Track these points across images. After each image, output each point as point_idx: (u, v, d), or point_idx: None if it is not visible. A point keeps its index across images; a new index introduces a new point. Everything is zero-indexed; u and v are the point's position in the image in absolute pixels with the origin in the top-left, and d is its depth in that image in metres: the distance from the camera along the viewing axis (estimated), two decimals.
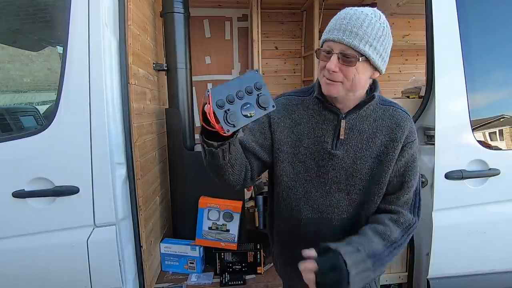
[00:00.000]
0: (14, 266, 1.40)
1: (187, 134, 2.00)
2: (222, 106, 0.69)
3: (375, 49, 0.83)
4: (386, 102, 0.96)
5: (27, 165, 1.35)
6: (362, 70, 0.85)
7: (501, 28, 1.61)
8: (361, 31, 0.81)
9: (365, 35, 0.81)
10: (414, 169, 0.94)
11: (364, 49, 0.82)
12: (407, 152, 0.92)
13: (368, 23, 0.82)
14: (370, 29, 0.82)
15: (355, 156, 0.92)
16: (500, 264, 1.66)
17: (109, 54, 1.37)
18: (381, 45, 0.84)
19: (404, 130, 0.91)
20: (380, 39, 0.83)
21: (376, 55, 0.84)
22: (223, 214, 1.84)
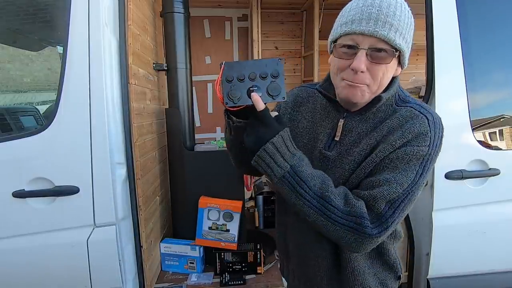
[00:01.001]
0: (14, 266, 1.41)
1: (187, 134, 2.00)
2: (230, 81, 0.70)
3: (407, 43, 0.72)
4: (407, 104, 0.79)
5: (27, 165, 1.35)
6: (391, 68, 0.74)
7: (501, 28, 1.61)
8: (395, 20, 0.68)
9: (400, 25, 0.69)
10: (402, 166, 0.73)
11: (401, 44, 0.70)
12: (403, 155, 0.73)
13: (400, 11, 0.69)
14: (403, 18, 0.69)
15: (347, 160, 0.79)
16: (500, 264, 1.66)
17: (109, 54, 1.37)
18: (410, 37, 0.73)
19: (406, 134, 0.73)
20: (410, 30, 0.72)
21: (408, 49, 0.73)
22: (223, 214, 1.84)
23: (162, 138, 2.08)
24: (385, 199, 0.71)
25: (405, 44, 0.72)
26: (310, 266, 0.88)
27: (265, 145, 0.69)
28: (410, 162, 0.73)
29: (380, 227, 0.71)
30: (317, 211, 0.71)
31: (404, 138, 0.73)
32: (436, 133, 0.74)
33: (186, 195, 1.93)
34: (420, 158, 0.73)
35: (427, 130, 0.73)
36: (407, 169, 0.73)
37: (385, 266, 0.89)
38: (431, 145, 0.73)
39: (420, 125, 0.73)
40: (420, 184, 0.74)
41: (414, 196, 0.74)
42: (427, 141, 0.73)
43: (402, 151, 0.73)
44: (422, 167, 0.73)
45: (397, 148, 0.73)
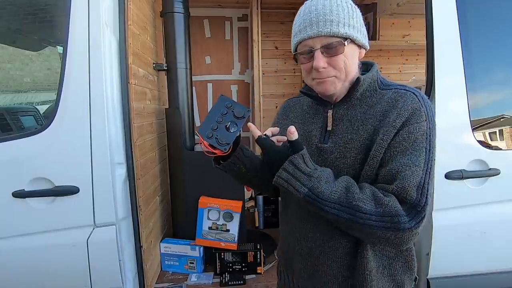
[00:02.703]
0: (14, 266, 1.41)
1: (187, 134, 2.00)
2: (211, 136, 0.80)
3: (354, 27, 0.79)
4: (390, 86, 0.83)
5: (27, 165, 1.35)
6: (350, 54, 0.80)
7: (501, 28, 1.61)
8: (334, 16, 0.77)
9: (340, 18, 0.77)
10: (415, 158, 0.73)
11: (347, 32, 0.77)
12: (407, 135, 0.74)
13: (336, 6, 0.78)
14: (341, 10, 0.78)
15: (345, 148, 0.80)
16: (500, 264, 1.66)
17: (109, 54, 1.37)
18: (357, 21, 0.80)
19: (403, 112, 0.76)
20: (353, 15, 0.79)
21: (358, 32, 0.80)
22: (223, 214, 1.84)
23: (162, 138, 2.08)
24: (414, 186, 0.71)
25: (352, 29, 0.78)
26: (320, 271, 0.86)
27: (278, 172, 0.74)
28: (417, 141, 0.74)
29: (418, 217, 0.71)
30: (349, 221, 0.72)
31: (402, 116, 0.75)
32: (427, 107, 0.78)
33: (186, 195, 1.92)
34: (424, 134, 0.75)
35: (420, 105, 0.76)
36: (417, 148, 0.74)
37: (405, 266, 0.86)
38: (428, 119, 0.76)
39: (412, 101, 0.77)
40: (432, 159, 0.75)
41: (433, 172, 0.75)
42: (424, 116, 0.76)
43: (406, 132, 0.75)
44: (428, 142, 0.75)
45: (399, 129, 0.75)
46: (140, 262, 1.53)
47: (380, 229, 0.71)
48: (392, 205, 0.71)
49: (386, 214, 0.71)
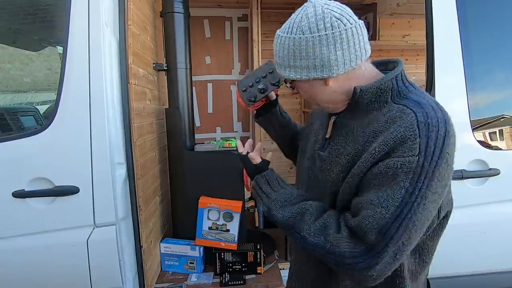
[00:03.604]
0: (14, 266, 1.41)
1: (187, 134, 2.00)
2: (244, 90, 1.01)
3: (295, 68, 0.72)
4: (405, 100, 0.69)
5: (27, 165, 1.35)
6: (307, 88, 0.76)
7: (501, 28, 1.61)
8: (277, 57, 0.75)
9: (280, 59, 0.74)
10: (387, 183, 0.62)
11: (286, 74, 0.75)
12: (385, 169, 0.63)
13: (278, 47, 0.74)
14: (282, 51, 0.73)
15: (334, 161, 0.76)
16: (500, 264, 1.66)
17: (109, 54, 1.37)
18: (301, 57, 0.71)
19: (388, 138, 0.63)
20: (296, 54, 0.71)
21: (301, 71, 0.72)
22: (223, 214, 1.84)
23: (162, 138, 2.08)
24: (373, 229, 0.62)
25: (292, 71, 0.73)
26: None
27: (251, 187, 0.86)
28: (397, 178, 0.61)
29: (372, 261, 0.62)
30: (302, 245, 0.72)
31: (386, 145, 0.63)
32: (430, 138, 0.61)
33: (186, 195, 1.92)
34: (409, 172, 0.61)
35: (414, 135, 0.61)
36: (393, 187, 0.62)
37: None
38: (423, 154, 0.60)
39: (406, 128, 0.62)
40: (418, 205, 0.61)
41: (414, 221, 0.61)
42: (415, 149, 0.61)
43: (385, 164, 0.63)
44: (414, 183, 0.60)
45: (380, 160, 0.64)
46: (140, 262, 1.53)
47: (329, 263, 0.68)
48: (337, 244, 0.65)
49: (330, 252, 0.66)
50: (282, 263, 1.97)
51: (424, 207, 0.61)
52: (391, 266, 0.63)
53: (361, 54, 0.71)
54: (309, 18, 0.70)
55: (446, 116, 0.65)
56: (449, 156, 0.62)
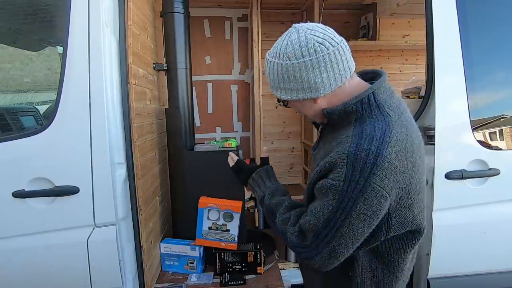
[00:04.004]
0: (14, 266, 1.41)
1: (187, 134, 2.00)
2: None
3: (286, 89, 0.81)
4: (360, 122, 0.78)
5: (27, 165, 1.35)
6: (299, 106, 0.86)
7: (501, 28, 1.61)
8: (270, 80, 0.84)
9: (272, 82, 0.84)
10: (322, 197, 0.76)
11: (278, 95, 0.84)
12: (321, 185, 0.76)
13: (269, 70, 0.83)
14: (272, 74, 0.82)
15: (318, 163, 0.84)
16: (500, 264, 1.66)
17: (109, 54, 1.37)
18: (290, 82, 0.79)
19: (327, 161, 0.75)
20: (285, 77, 0.79)
21: (291, 93, 0.81)
22: (223, 214, 1.84)
23: (162, 138, 2.08)
24: (310, 231, 0.77)
25: (283, 92, 0.83)
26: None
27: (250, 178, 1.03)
28: (327, 196, 0.74)
29: (308, 255, 0.78)
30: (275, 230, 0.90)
31: (325, 166, 0.76)
32: (355, 168, 0.70)
33: (186, 195, 1.92)
34: (336, 193, 0.72)
35: (342, 163, 0.72)
36: (325, 202, 0.75)
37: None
38: (347, 181, 0.71)
39: (339, 156, 0.73)
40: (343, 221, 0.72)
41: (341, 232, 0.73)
42: (342, 176, 0.71)
43: (321, 183, 0.77)
44: (339, 203, 0.72)
45: (321, 177, 0.78)
46: (140, 262, 1.53)
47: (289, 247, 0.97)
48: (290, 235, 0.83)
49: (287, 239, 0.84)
50: (282, 263, 1.97)
51: (349, 223, 0.73)
52: (330, 261, 0.77)
53: (345, 73, 0.79)
54: (294, 44, 0.78)
55: (383, 152, 0.71)
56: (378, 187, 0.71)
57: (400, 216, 0.78)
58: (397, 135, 0.74)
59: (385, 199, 0.72)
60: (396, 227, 0.79)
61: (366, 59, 3.30)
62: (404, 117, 0.79)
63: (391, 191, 0.72)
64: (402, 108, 0.81)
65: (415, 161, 0.76)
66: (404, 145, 0.74)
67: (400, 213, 0.78)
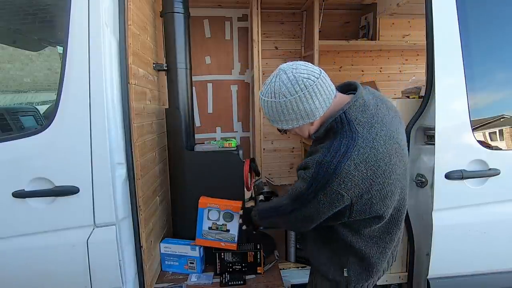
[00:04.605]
0: (14, 266, 1.40)
1: (187, 134, 2.00)
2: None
3: (286, 121, 0.99)
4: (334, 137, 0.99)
5: (27, 165, 1.35)
6: (298, 130, 1.06)
7: (501, 28, 1.61)
8: (269, 115, 1.01)
9: (271, 117, 1.01)
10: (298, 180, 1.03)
11: (279, 126, 1.03)
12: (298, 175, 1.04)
13: (268, 109, 1.00)
14: (272, 111, 0.99)
15: None
16: (500, 264, 1.66)
17: (109, 54, 1.37)
18: (289, 114, 0.97)
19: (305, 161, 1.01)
20: (284, 111, 0.97)
21: (292, 122, 0.99)
22: (223, 214, 1.84)
23: (162, 138, 2.08)
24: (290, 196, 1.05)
25: (284, 123, 1.01)
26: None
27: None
28: (300, 182, 1.00)
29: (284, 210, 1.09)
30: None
31: (303, 164, 1.01)
32: (319, 173, 0.94)
33: (186, 195, 1.92)
34: (305, 184, 0.97)
35: (312, 167, 0.96)
36: (299, 184, 1.00)
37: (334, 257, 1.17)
38: (313, 179, 0.95)
39: (311, 160, 0.97)
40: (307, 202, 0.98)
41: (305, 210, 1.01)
42: (310, 175, 0.96)
43: (299, 173, 1.02)
44: (305, 191, 0.97)
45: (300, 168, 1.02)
46: (140, 262, 1.53)
47: None
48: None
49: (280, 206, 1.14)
50: (282, 263, 1.97)
51: (312, 206, 0.98)
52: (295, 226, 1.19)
53: (331, 95, 0.99)
54: (286, 84, 0.95)
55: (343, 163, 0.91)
56: (335, 188, 0.92)
57: (360, 206, 0.98)
58: (359, 150, 0.92)
59: (341, 196, 0.93)
60: (357, 213, 1.00)
61: (366, 59, 3.31)
62: (374, 129, 0.96)
63: (349, 191, 0.93)
64: (376, 119, 0.98)
65: (378, 167, 0.93)
66: (365, 158, 0.92)
67: (360, 204, 0.97)
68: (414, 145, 1.64)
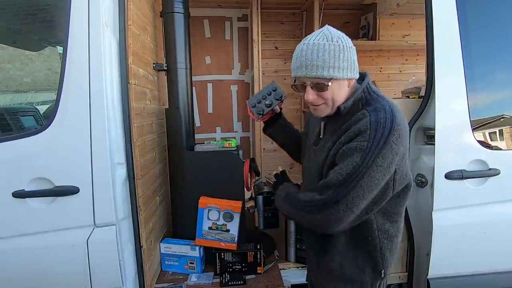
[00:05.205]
0: (14, 266, 1.41)
1: (187, 134, 2.00)
2: (254, 106, 1.30)
3: (339, 68, 0.94)
4: (368, 106, 0.99)
5: (27, 165, 1.35)
6: (337, 88, 0.98)
7: (501, 28, 1.62)
8: (320, 61, 0.93)
9: (325, 62, 0.93)
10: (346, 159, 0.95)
11: (330, 74, 0.94)
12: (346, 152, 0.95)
13: (323, 51, 0.93)
14: (327, 54, 0.93)
15: (322, 151, 1.08)
16: (500, 264, 1.66)
17: (109, 54, 1.37)
18: (343, 61, 0.94)
19: (351, 132, 0.96)
20: (340, 56, 0.93)
21: (343, 71, 0.95)
22: (223, 214, 1.84)
23: (162, 138, 2.08)
24: (331, 186, 0.95)
25: (336, 71, 0.94)
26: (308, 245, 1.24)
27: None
28: (352, 156, 0.93)
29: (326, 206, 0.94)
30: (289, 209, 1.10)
31: (349, 136, 0.96)
32: (377, 131, 0.92)
33: (186, 195, 1.92)
34: (360, 151, 0.92)
35: (366, 129, 0.92)
36: (348, 161, 0.93)
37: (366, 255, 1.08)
38: (371, 140, 0.91)
39: (362, 124, 0.94)
40: (364, 174, 0.91)
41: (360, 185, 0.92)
42: (366, 137, 0.92)
43: (346, 147, 0.95)
44: (362, 159, 0.91)
45: (343, 145, 0.96)
46: (140, 262, 1.53)
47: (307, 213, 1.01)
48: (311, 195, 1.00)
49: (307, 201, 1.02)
50: (282, 263, 1.97)
51: (369, 175, 0.92)
52: (345, 213, 0.93)
53: None
54: (336, 33, 0.96)
55: (395, 118, 0.94)
56: (394, 144, 0.92)
57: (401, 172, 0.98)
58: (397, 107, 0.97)
59: (396, 154, 0.93)
60: (398, 182, 0.99)
61: (366, 59, 3.30)
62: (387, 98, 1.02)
63: (399, 149, 0.93)
64: None
65: (406, 125, 0.98)
66: (402, 115, 0.97)
67: (402, 169, 0.98)
68: (414, 145, 1.64)
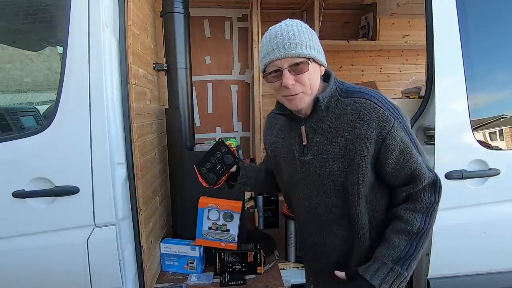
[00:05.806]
0: (14, 266, 1.41)
1: (187, 134, 2.00)
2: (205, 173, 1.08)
3: (315, 49, 0.90)
4: (349, 94, 0.93)
5: (27, 165, 1.35)
6: (314, 71, 0.91)
7: (501, 28, 1.61)
8: (298, 39, 0.88)
9: (302, 41, 0.88)
10: (411, 154, 0.90)
11: (309, 53, 0.88)
12: (392, 143, 0.88)
13: (298, 31, 0.89)
14: (302, 34, 0.89)
15: (322, 159, 0.94)
16: (500, 264, 1.66)
17: (109, 54, 1.37)
18: (316, 44, 0.91)
19: (371, 123, 0.87)
20: (312, 40, 0.90)
21: (318, 53, 0.91)
22: (223, 214, 1.84)
23: (162, 138, 2.08)
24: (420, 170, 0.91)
25: (313, 51, 0.89)
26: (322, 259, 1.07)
27: None
28: (403, 142, 0.89)
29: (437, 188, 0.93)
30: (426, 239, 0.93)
31: (373, 128, 0.87)
32: (387, 106, 0.89)
33: (186, 195, 1.92)
34: (401, 130, 0.89)
35: (383, 111, 0.87)
36: (405, 143, 0.89)
37: None
38: (394, 116, 0.88)
39: (374, 110, 0.88)
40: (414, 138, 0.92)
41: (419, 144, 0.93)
42: (391, 118, 0.87)
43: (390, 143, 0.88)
44: (407, 132, 0.90)
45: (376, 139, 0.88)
46: (140, 262, 1.53)
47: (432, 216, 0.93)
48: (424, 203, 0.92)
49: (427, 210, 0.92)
50: (282, 263, 1.97)
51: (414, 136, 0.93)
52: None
53: None
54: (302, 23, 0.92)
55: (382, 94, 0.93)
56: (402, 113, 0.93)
57: None
58: None
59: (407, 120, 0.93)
60: None
61: (366, 59, 3.30)
62: None
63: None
64: None
65: None
66: None
67: None
68: None
